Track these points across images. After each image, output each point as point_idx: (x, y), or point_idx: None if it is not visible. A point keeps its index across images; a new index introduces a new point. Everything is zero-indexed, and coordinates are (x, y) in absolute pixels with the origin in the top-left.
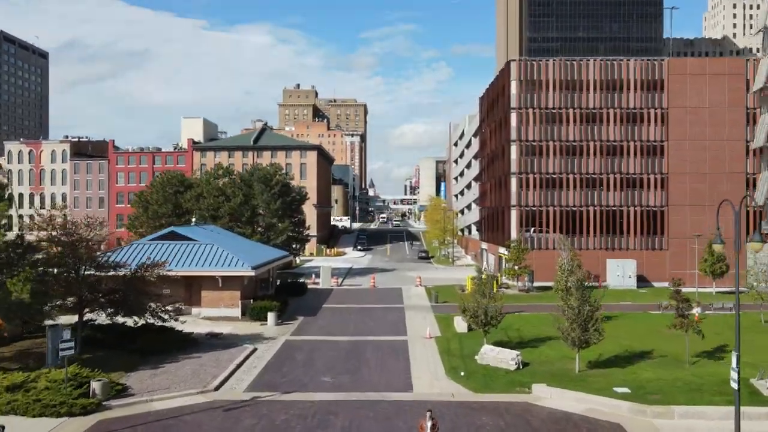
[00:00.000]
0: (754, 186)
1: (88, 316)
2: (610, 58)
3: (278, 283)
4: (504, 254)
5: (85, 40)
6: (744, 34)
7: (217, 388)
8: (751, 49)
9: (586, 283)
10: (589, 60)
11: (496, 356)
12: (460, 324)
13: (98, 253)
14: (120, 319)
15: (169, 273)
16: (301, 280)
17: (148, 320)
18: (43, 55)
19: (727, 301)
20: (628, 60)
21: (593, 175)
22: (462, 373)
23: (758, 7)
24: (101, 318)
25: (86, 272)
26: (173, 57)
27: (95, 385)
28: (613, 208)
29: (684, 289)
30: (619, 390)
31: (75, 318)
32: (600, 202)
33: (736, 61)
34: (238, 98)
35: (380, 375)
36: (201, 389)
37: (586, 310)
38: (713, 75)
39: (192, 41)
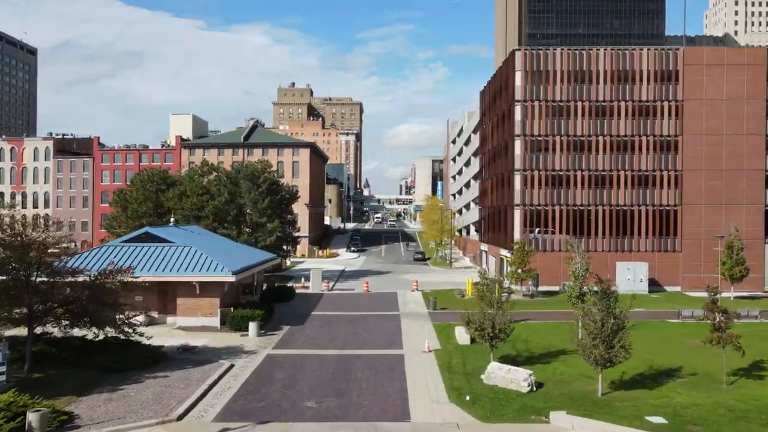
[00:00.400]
0: None
1: (42, 329)
2: (621, 48)
3: (264, 288)
4: (506, 256)
5: (84, 40)
6: (746, 31)
7: (180, 417)
8: (753, 47)
9: (611, 290)
10: (599, 50)
11: (505, 376)
12: (462, 335)
13: (55, 258)
14: (80, 332)
15: (138, 279)
16: (290, 284)
17: (108, 333)
18: (32, 52)
19: (752, 307)
20: (641, 50)
21: (602, 172)
22: (467, 397)
23: (760, 3)
24: (58, 331)
25: (38, 279)
26: (172, 57)
27: (32, 417)
28: (624, 208)
29: (698, 294)
30: (653, 420)
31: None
32: (609, 200)
33: (755, 50)
34: (238, 98)
35: (373, 398)
36: (162, 419)
37: (611, 324)
38: (731, 65)
39: (190, 41)
